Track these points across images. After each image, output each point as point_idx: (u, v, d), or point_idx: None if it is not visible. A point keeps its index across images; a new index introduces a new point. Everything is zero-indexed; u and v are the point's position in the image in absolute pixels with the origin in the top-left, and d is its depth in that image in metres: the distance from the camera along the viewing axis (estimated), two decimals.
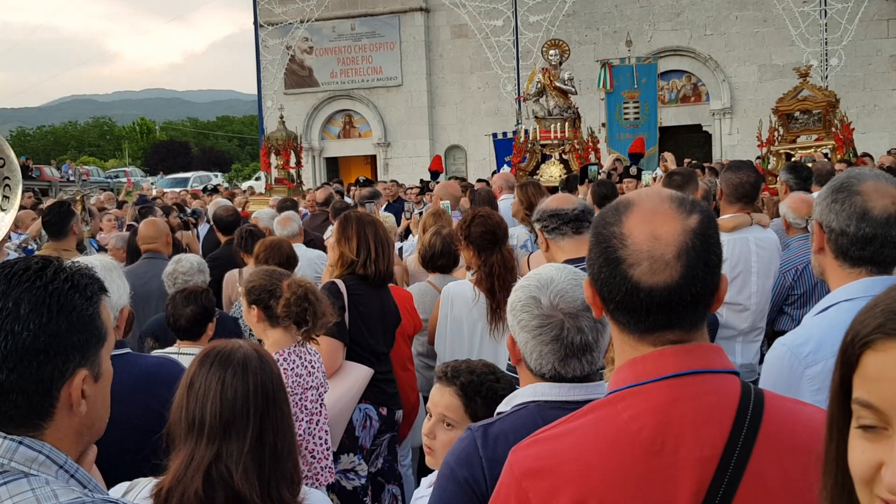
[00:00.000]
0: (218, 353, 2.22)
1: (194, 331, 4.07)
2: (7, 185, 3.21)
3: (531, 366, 2.13)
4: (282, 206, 9.31)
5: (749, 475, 1.44)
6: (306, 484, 3.26)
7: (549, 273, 2.16)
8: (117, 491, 2.22)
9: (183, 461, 2.10)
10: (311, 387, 3.70)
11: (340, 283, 4.34)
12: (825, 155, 11.46)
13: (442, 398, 2.57)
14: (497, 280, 4.42)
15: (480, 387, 2.53)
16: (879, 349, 1.00)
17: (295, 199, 11.89)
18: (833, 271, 2.33)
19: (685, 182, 5.51)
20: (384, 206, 11.85)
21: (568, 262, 3.43)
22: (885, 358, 1.00)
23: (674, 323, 1.50)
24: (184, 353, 3.77)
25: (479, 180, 16.29)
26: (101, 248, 8.62)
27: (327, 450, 3.74)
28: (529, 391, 2.14)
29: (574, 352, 2.08)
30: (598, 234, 1.54)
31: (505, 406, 2.18)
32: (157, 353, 3.84)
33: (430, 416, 2.60)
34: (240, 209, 11.31)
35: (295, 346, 3.72)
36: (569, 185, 9.96)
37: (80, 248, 7.00)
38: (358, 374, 4.29)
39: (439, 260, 5.22)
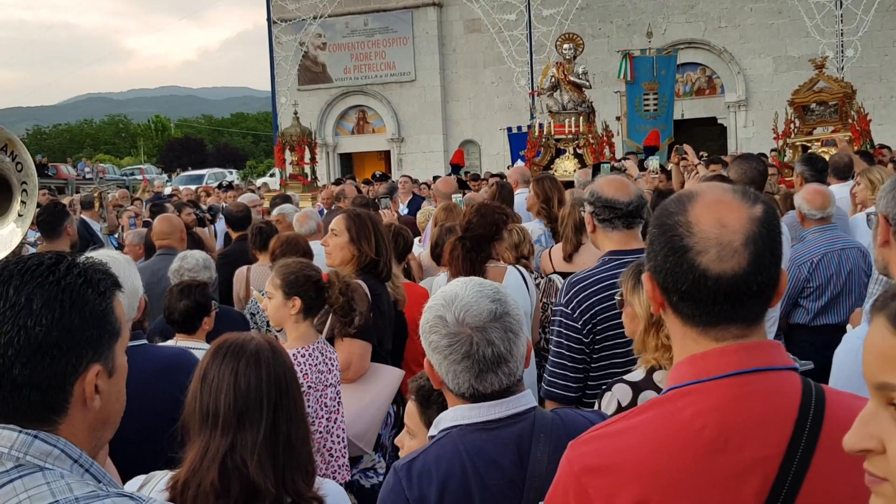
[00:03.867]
0: (231, 345, 2.23)
1: (188, 325, 4.08)
2: (24, 189, 3.21)
3: (450, 387, 2.07)
4: (273, 202, 9.29)
5: (812, 474, 1.43)
6: None
7: (454, 289, 2.09)
8: (133, 485, 2.23)
9: (198, 453, 2.12)
10: (330, 384, 3.70)
11: (363, 284, 4.28)
12: (850, 139, 11.33)
13: (408, 405, 2.54)
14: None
15: (432, 391, 2.44)
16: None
17: (288, 194, 11.85)
18: None
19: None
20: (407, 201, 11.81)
21: (613, 253, 3.40)
22: (869, 331, 1.07)
23: (738, 315, 1.49)
24: (184, 347, 3.79)
25: (493, 175, 16.26)
26: (120, 246, 8.66)
27: (344, 448, 3.73)
28: (451, 415, 2.09)
29: (488, 366, 2.01)
30: (662, 224, 1.53)
31: (434, 429, 2.13)
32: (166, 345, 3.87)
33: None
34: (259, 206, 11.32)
35: (318, 343, 3.73)
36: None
37: (93, 245, 7.03)
38: (390, 376, 4.27)
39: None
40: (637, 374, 2.81)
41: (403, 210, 11.07)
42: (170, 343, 4.00)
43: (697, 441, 1.44)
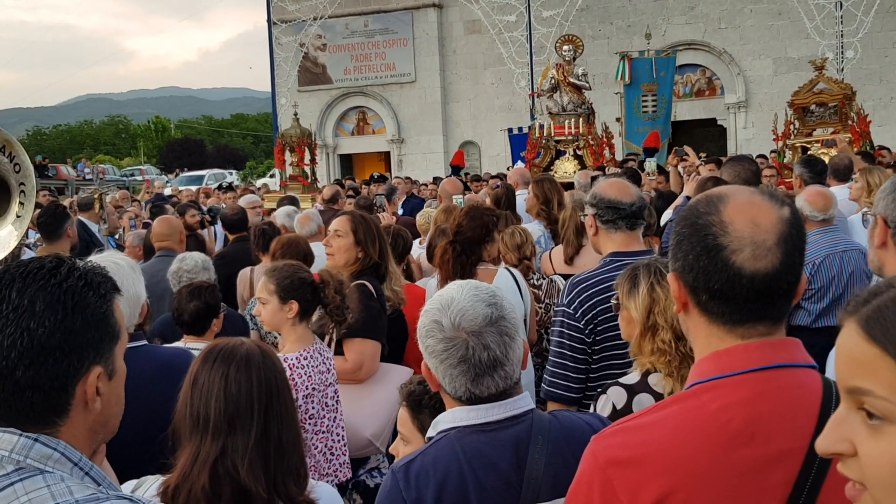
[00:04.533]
0: (221, 350, 2.23)
1: (198, 326, 4.09)
2: (23, 191, 3.20)
3: (447, 390, 2.08)
4: (280, 204, 9.38)
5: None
6: (326, 481, 3.28)
7: (451, 293, 2.10)
8: (124, 489, 2.24)
9: (189, 458, 2.12)
10: (329, 384, 3.71)
11: (369, 285, 4.29)
12: (850, 141, 11.32)
13: (399, 412, 2.55)
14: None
15: (423, 396, 2.46)
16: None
17: (292, 195, 11.92)
18: (895, 267, 2.30)
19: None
20: (402, 201, 11.88)
21: (615, 255, 3.42)
22: (840, 335, 1.09)
23: (766, 313, 1.53)
24: (190, 348, 3.78)
25: (493, 176, 16.27)
26: (120, 247, 8.65)
27: (344, 446, 3.75)
28: (449, 417, 2.09)
29: (484, 370, 2.02)
30: (694, 224, 1.55)
31: (432, 431, 2.14)
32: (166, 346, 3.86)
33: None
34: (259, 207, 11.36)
35: (315, 344, 3.73)
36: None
37: (92, 247, 7.02)
38: (401, 375, 4.27)
39: None
40: (632, 377, 2.82)
41: (398, 211, 11.12)
42: (178, 344, 4.00)
43: (724, 433, 1.46)
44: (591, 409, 2.82)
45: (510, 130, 22.16)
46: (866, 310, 1.05)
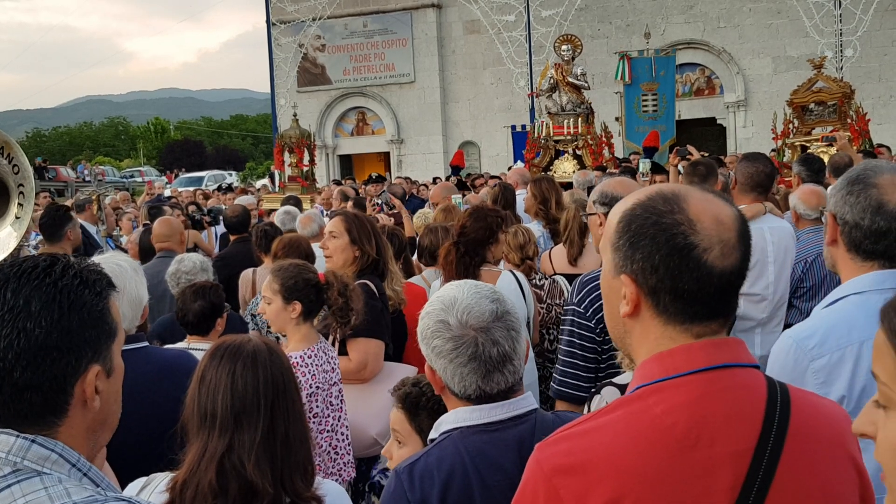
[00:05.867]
0: (228, 347, 2.25)
1: (202, 326, 4.09)
2: (21, 192, 3.21)
3: (455, 390, 2.07)
4: (285, 204, 9.39)
5: (782, 468, 1.44)
6: (332, 480, 3.28)
7: (452, 293, 2.10)
8: (133, 487, 2.25)
9: (196, 453, 2.13)
10: (334, 383, 3.72)
11: (371, 284, 4.30)
12: (850, 139, 11.30)
13: (392, 414, 2.54)
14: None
15: (420, 398, 2.46)
16: None
17: (295, 196, 11.93)
18: (845, 264, 2.31)
19: (708, 173, 5.46)
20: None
21: None
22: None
23: (722, 310, 1.52)
24: (193, 349, 3.79)
25: (493, 176, 16.28)
26: (119, 247, 8.66)
27: (348, 445, 3.76)
28: (452, 417, 2.09)
29: (494, 365, 2.03)
30: (658, 223, 1.50)
31: (434, 432, 2.14)
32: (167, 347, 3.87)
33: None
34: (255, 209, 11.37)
35: (320, 343, 3.74)
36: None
37: (89, 248, 7.03)
38: (406, 374, 4.28)
39: (428, 254, 5.33)
40: (626, 377, 2.82)
41: None
42: (181, 345, 4.00)
43: (669, 437, 1.43)
44: (586, 410, 2.82)
45: (513, 128, 22.11)
46: (891, 301, 1.09)
